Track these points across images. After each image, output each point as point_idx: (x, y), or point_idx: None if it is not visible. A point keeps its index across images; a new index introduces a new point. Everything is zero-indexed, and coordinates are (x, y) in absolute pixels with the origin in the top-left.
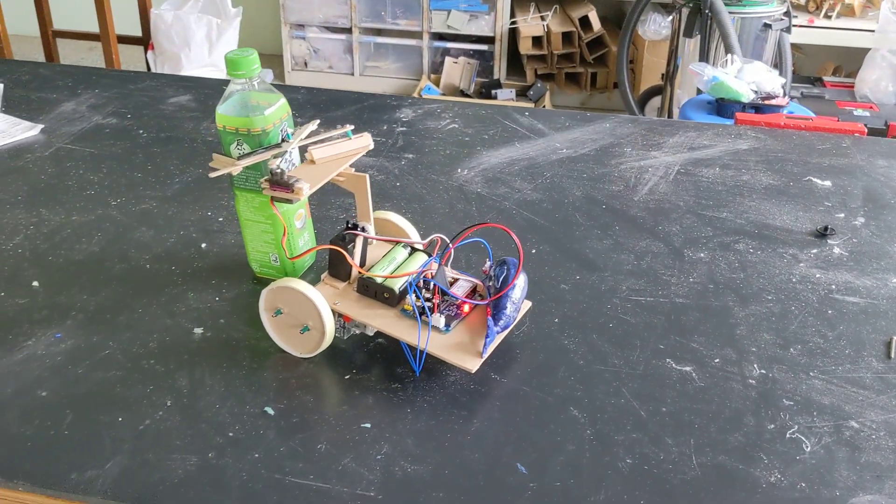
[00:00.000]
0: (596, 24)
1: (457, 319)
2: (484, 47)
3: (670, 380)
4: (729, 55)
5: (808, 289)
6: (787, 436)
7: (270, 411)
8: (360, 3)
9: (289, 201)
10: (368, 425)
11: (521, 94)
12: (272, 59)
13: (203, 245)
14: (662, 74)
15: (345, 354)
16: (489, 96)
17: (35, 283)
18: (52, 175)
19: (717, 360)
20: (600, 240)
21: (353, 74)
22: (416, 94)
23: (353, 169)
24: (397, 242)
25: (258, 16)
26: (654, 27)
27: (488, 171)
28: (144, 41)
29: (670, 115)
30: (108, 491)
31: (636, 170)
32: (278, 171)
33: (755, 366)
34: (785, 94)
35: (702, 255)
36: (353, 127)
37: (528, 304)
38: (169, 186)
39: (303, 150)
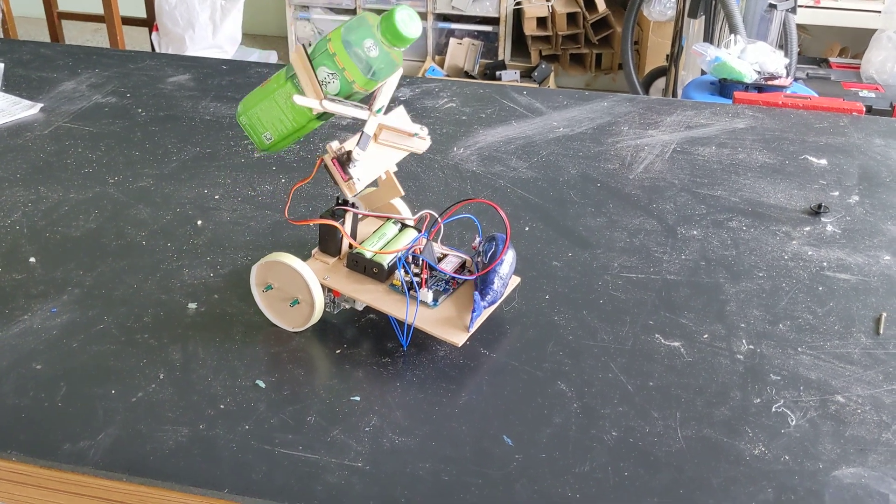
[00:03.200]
0: (601, 6)
1: (445, 294)
2: (488, 28)
3: (658, 355)
4: (732, 35)
5: (799, 266)
6: (773, 410)
7: (261, 384)
8: None
9: (334, 182)
10: (358, 398)
11: (526, 75)
12: (276, 41)
13: (199, 222)
14: (667, 55)
15: (335, 329)
16: (493, 77)
17: (32, 259)
18: (51, 153)
19: (705, 336)
20: (594, 217)
21: None
22: (420, 76)
23: (396, 175)
24: (387, 218)
25: None
26: (660, 8)
27: (484, 150)
28: (149, 23)
29: (675, 96)
30: (100, 461)
31: (632, 148)
32: (352, 157)
33: (744, 341)
34: (788, 75)
35: (695, 232)
36: (426, 130)
37: (516, 280)
38: (166, 164)
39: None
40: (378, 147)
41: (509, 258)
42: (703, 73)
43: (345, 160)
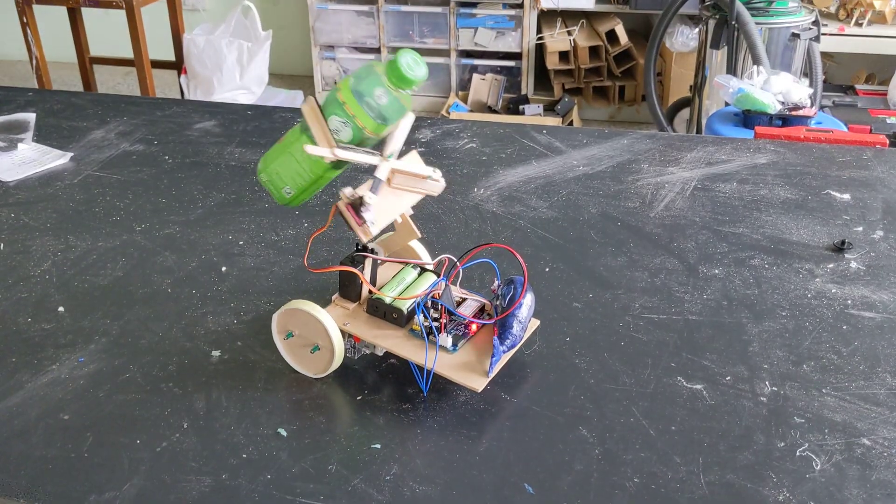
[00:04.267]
0: (623, 38)
1: (464, 339)
2: (511, 63)
3: (681, 398)
4: (755, 66)
5: (823, 304)
6: (798, 454)
7: (283, 433)
8: (388, 23)
9: (349, 227)
10: (378, 446)
11: (549, 108)
12: (302, 81)
13: (223, 268)
14: (690, 86)
15: (357, 375)
16: (517, 112)
17: (61, 309)
18: (81, 202)
19: (728, 378)
20: (614, 257)
21: None
22: (444, 112)
23: (415, 217)
24: (406, 264)
25: (288, 38)
26: (682, 39)
27: (504, 190)
28: (178, 65)
29: (699, 127)
30: None
31: (653, 186)
32: (365, 202)
33: (767, 383)
34: (813, 105)
35: (716, 271)
36: (440, 172)
37: (535, 323)
38: (192, 211)
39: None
40: (392, 191)
41: (528, 301)
42: (726, 104)
43: (358, 205)
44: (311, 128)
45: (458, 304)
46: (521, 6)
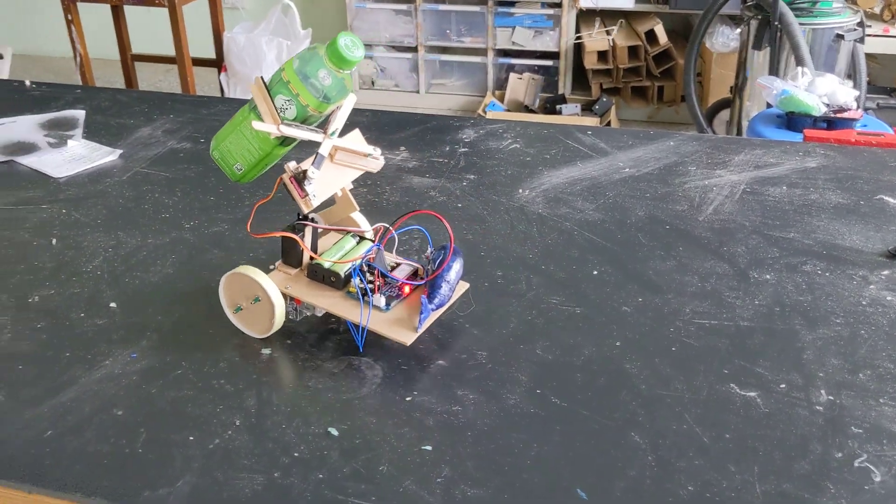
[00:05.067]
0: (662, 38)
1: (397, 300)
2: (548, 63)
3: (734, 405)
4: (799, 68)
5: (878, 312)
6: (856, 464)
7: (334, 432)
8: (425, 22)
9: (293, 198)
10: (429, 448)
11: (587, 108)
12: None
13: (271, 266)
14: (731, 87)
15: (407, 376)
16: (553, 111)
17: (113, 305)
18: (130, 199)
19: (782, 386)
20: (663, 261)
21: (418, 92)
22: (480, 111)
23: (352, 189)
24: (345, 232)
25: (327, 36)
26: (722, 39)
27: (550, 192)
28: (218, 63)
29: (739, 129)
30: None
31: (701, 189)
32: (308, 176)
33: (822, 391)
34: (858, 107)
35: (768, 276)
36: (379, 150)
37: (465, 286)
38: (240, 209)
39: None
40: (334, 167)
41: (456, 266)
42: (768, 105)
43: (301, 178)
44: (258, 104)
45: (393, 268)
46: (559, 5)
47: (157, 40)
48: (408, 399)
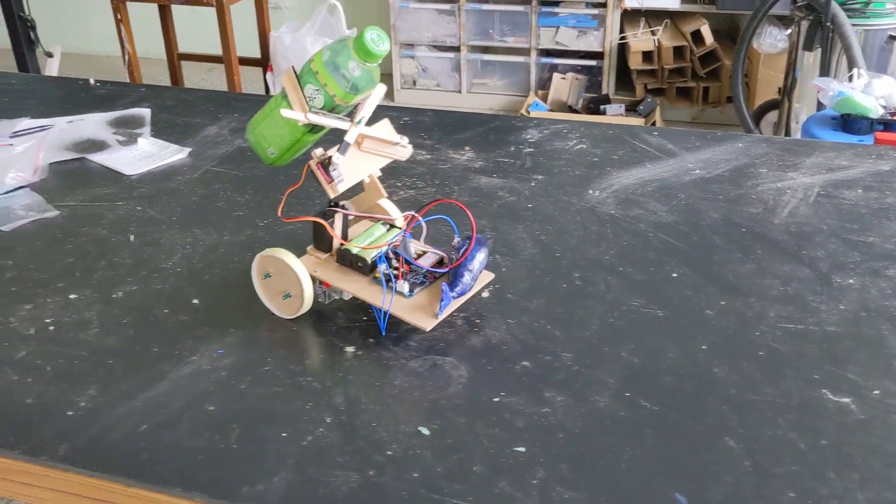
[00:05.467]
0: (709, 38)
1: (420, 287)
2: (592, 63)
3: (828, 411)
4: (855, 69)
5: None
6: None
7: (425, 431)
8: (468, 21)
9: (319, 184)
10: (522, 449)
11: (631, 109)
12: (382, 78)
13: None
14: (779, 88)
15: (491, 375)
16: (597, 112)
17: (195, 301)
18: (203, 196)
19: (876, 392)
20: (742, 264)
21: (460, 92)
22: (523, 111)
23: (381, 177)
24: (375, 220)
25: None
26: (770, 40)
27: (620, 193)
28: (263, 63)
29: (788, 131)
30: None
31: (774, 191)
32: (332, 162)
33: None
34: None
35: (851, 281)
36: (406, 139)
37: (489, 276)
38: (311, 207)
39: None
40: (362, 154)
41: (479, 255)
42: (819, 106)
43: (327, 164)
44: (287, 93)
45: (419, 256)
46: (604, 5)
47: (199, 39)
48: (495, 400)
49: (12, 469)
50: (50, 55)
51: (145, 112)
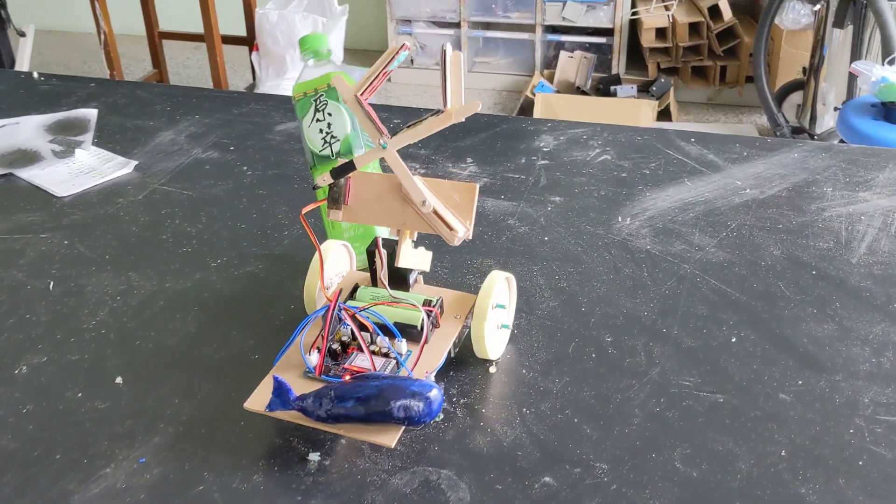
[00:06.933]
0: (727, 14)
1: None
2: (601, 40)
3: None
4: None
5: None
6: None
7: None
8: None
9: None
10: None
11: (643, 89)
12: (376, 56)
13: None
14: (803, 68)
15: (503, 500)
16: (608, 93)
17: (119, 380)
18: (146, 226)
19: None
20: (818, 322)
21: None
22: (528, 92)
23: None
24: None
25: (364, 12)
26: (793, 16)
27: (656, 220)
28: (249, 41)
29: (814, 113)
30: None
31: (845, 218)
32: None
33: None
34: None
35: None
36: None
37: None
38: (277, 242)
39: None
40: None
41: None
42: (849, 88)
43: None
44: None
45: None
46: None
47: (184, 17)
48: None
49: None
50: (23, 34)
51: (91, 114)
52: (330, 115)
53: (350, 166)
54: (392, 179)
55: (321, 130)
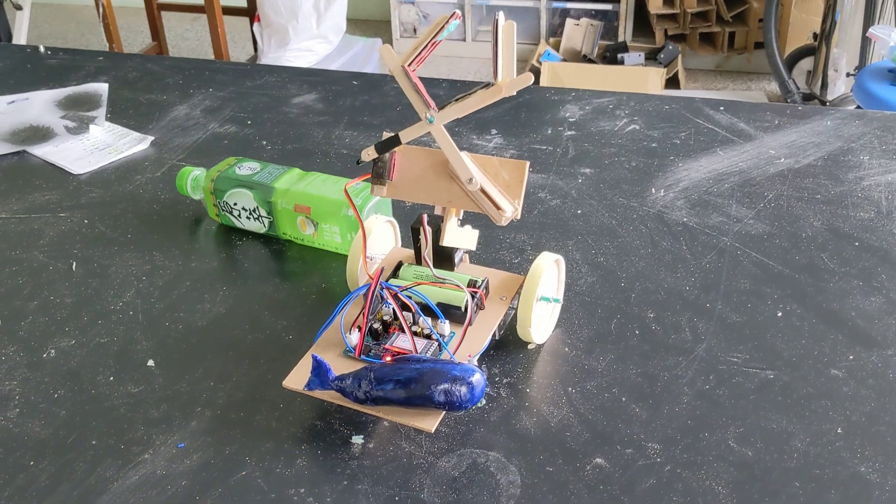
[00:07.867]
0: None
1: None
2: (607, 7)
3: None
4: None
5: None
6: None
7: None
8: None
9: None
10: None
11: (651, 57)
12: (379, 26)
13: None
14: (814, 33)
15: (555, 483)
16: (615, 61)
17: (150, 363)
18: (166, 204)
19: None
20: (865, 295)
21: (464, 40)
22: (534, 61)
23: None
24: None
25: None
26: None
27: (691, 191)
28: (250, 13)
29: (825, 80)
30: None
31: (885, 187)
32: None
33: None
34: None
35: None
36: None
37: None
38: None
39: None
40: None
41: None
42: (862, 54)
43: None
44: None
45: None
46: None
47: None
48: None
49: None
50: (19, 7)
51: (101, 88)
52: (235, 204)
53: (395, 140)
54: (438, 155)
55: (241, 213)
